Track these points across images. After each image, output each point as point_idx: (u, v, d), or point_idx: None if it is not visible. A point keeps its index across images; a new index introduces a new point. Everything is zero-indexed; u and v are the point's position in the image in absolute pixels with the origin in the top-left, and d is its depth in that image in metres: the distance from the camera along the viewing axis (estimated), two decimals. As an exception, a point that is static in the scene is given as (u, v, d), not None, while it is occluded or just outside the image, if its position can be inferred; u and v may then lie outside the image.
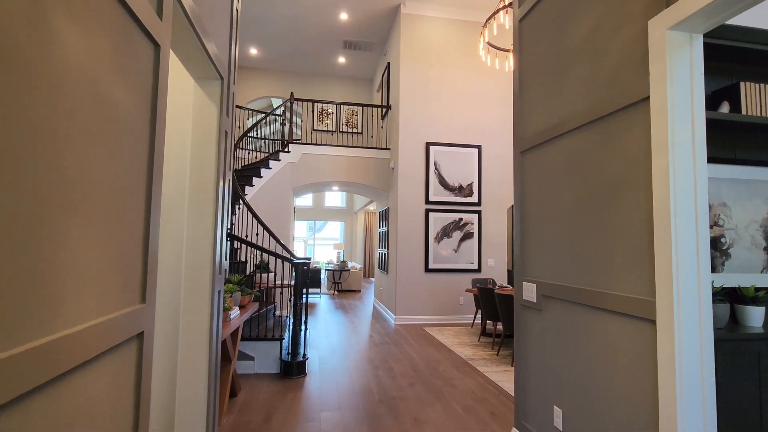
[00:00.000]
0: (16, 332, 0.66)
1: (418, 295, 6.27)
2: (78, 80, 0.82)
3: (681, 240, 1.39)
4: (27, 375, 0.68)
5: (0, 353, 0.63)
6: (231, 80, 2.21)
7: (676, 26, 1.42)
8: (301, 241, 14.21)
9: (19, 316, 0.67)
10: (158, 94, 1.19)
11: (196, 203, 1.95)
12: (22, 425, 0.69)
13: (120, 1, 0.98)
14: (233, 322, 2.73)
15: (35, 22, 0.69)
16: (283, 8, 6.75)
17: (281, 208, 6.39)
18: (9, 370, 0.63)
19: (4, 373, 0.63)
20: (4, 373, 0.63)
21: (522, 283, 2.34)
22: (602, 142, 1.74)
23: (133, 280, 1.10)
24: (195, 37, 1.57)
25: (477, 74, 6.67)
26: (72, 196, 0.81)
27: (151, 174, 1.17)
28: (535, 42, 2.31)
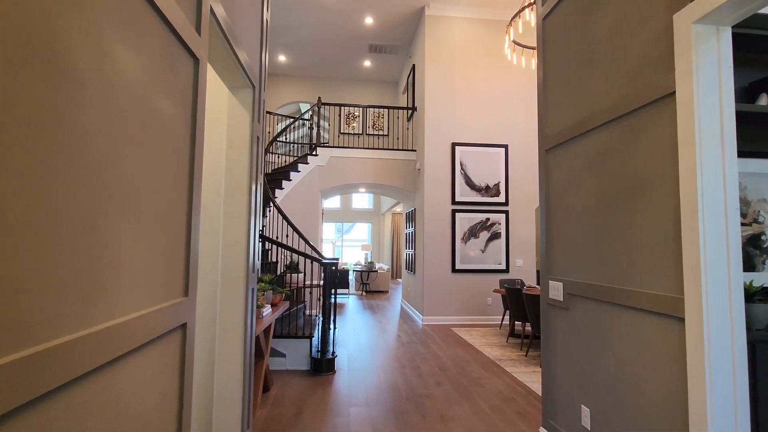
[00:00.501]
0: (81, 318, 0.76)
1: (445, 295, 6.27)
2: (128, 95, 0.92)
3: (709, 237, 1.37)
4: (89, 356, 0.77)
5: (68, 335, 0.72)
6: (262, 88, 2.32)
7: (702, 19, 1.40)
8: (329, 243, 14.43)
9: (82, 304, 0.77)
10: (197, 105, 1.29)
11: (230, 206, 2.07)
12: (84, 401, 0.78)
13: (163, 20, 1.08)
14: (266, 319, 2.85)
15: (92, 42, 0.78)
16: (310, 16, 6.92)
17: (310, 211, 6.55)
18: (75, 350, 0.73)
19: (72, 353, 0.72)
20: (72, 353, 0.72)
21: (548, 281, 2.34)
22: (627, 138, 1.73)
23: (177, 275, 1.20)
24: (229, 49, 1.68)
25: (503, 73, 6.61)
26: (125, 200, 0.91)
27: (192, 178, 1.27)
28: (558, 40, 2.31)
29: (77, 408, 0.76)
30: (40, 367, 0.64)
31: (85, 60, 0.76)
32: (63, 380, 0.70)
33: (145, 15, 0.98)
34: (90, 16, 0.77)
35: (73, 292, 0.74)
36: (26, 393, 0.61)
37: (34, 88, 0.63)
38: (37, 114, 0.63)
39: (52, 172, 0.67)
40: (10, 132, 0.59)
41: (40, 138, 0.64)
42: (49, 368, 0.66)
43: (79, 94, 0.74)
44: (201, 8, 1.32)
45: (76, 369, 0.73)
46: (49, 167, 0.66)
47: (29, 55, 0.62)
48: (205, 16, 1.34)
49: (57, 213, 0.69)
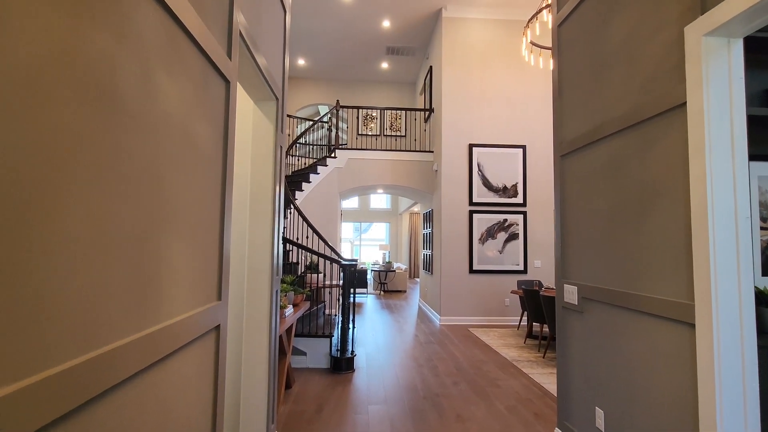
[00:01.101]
0: (133, 323, 0.87)
1: (463, 296, 6.31)
2: (170, 122, 1.02)
3: (719, 244, 1.40)
4: (140, 357, 0.88)
5: (122, 339, 0.83)
6: (284, 99, 2.43)
7: (713, 32, 1.43)
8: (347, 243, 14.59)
9: (133, 311, 0.87)
10: (228, 123, 1.40)
11: (256, 212, 2.18)
12: (133, 399, 0.89)
13: (200, 50, 1.18)
14: (288, 319, 2.97)
15: (143, 78, 0.89)
16: (328, 21, 7.04)
17: (329, 212, 6.68)
18: (128, 352, 0.84)
19: (126, 354, 0.83)
20: (126, 354, 0.83)
21: (563, 285, 2.38)
22: (640, 147, 1.76)
23: (211, 281, 1.31)
24: (255, 67, 1.79)
25: (520, 74, 6.59)
26: (168, 216, 1.02)
27: (224, 191, 1.38)
28: (573, 47, 2.34)
29: (130, 404, 0.87)
30: (99, 368, 0.75)
31: (137, 94, 0.86)
32: (119, 379, 0.80)
33: (186, 48, 1.09)
34: (142, 55, 0.88)
35: (126, 301, 0.84)
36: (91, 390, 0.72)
37: (97, 122, 0.74)
38: (99, 144, 0.74)
39: (109, 194, 0.78)
40: (78, 160, 0.70)
41: (101, 165, 0.75)
42: (107, 368, 0.77)
43: (131, 124, 0.85)
44: (232, 33, 1.43)
45: (129, 369, 0.84)
46: (106, 190, 0.77)
47: (94, 94, 0.73)
48: (235, 41, 1.45)
49: (113, 231, 0.79)
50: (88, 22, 0.70)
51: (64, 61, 0.65)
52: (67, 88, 0.65)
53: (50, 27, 0.62)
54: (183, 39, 1.06)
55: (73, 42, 0.67)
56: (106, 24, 0.75)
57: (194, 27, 1.10)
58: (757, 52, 2.04)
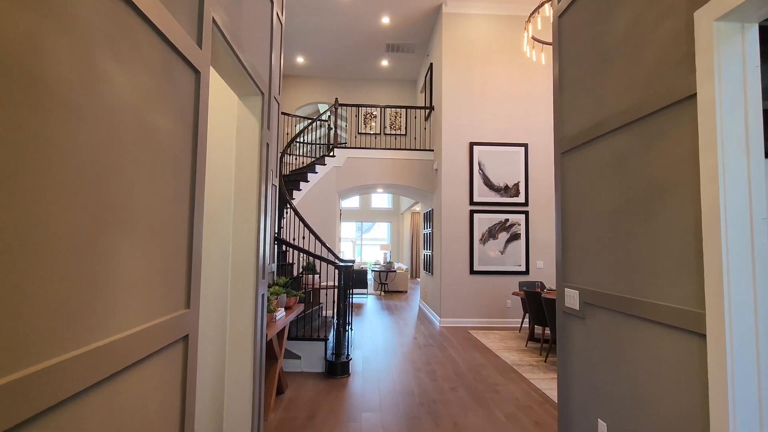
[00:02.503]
0: (76, 336, 0.77)
1: (464, 297, 6.20)
2: (124, 114, 0.92)
3: (733, 247, 1.29)
4: (86, 373, 0.78)
5: (63, 355, 0.73)
6: (272, 94, 2.33)
7: (725, 16, 1.31)
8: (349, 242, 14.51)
9: (78, 322, 0.77)
10: (199, 116, 1.30)
11: (240, 211, 2.08)
12: (82, 418, 0.79)
13: (161, 36, 1.08)
14: (278, 323, 2.87)
15: (82, 65, 0.79)
16: (326, 18, 6.94)
17: (327, 211, 6.58)
18: (70, 369, 0.74)
19: (66, 372, 0.73)
20: (66, 372, 0.73)
21: (564, 289, 2.26)
22: (645, 142, 1.65)
23: (178, 288, 1.21)
24: (235, 59, 1.69)
25: (522, 71, 6.47)
26: (121, 216, 0.91)
27: (194, 190, 1.27)
28: (574, 39, 2.22)
29: (72, 425, 0.77)
30: (28, 390, 0.65)
31: (75, 84, 0.76)
32: (53, 402, 0.70)
33: (141, 33, 0.98)
34: (80, 39, 0.77)
35: (66, 313, 0.74)
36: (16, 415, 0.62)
37: (18, 116, 0.63)
38: (22, 141, 0.64)
39: (35, 193, 0.68)
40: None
41: (26, 166, 0.65)
42: (39, 390, 0.67)
43: (69, 118, 0.74)
44: (202, 20, 1.33)
45: (68, 389, 0.74)
46: (38, 194, 0.67)
47: (11, 83, 0.62)
48: (206, 28, 1.35)
49: (44, 235, 0.69)
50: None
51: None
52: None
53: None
54: (137, 23, 0.96)
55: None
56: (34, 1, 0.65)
57: (152, 10, 1.00)
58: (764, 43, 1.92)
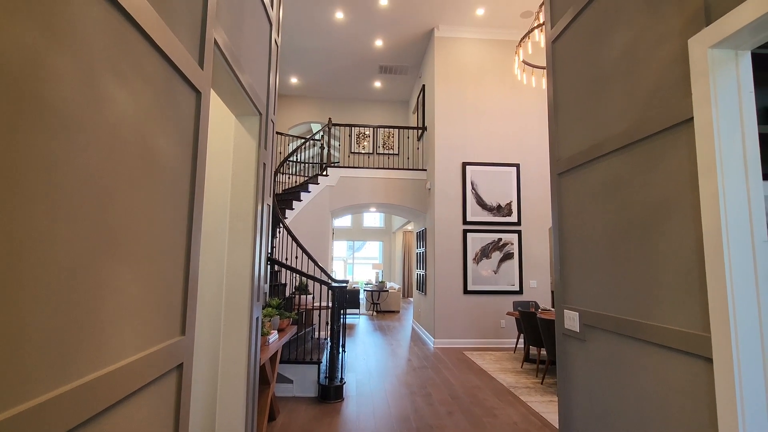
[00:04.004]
0: (68, 370, 0.72)
1: (458, 317, 6.13)
2: (125, 134, 0.90)
3: (736, 271, 1.28)
4: (73, 412, 0.73)
5: (53, 391, 0.68)
6: (269, 114, 2.32)
7: (719, 44, 1.34)
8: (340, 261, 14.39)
9: (70, 355, 0.73)
10: (199, 136, 1.27)
11: (235, 233, 2.04)
12: (68, 458, 0.74)
13: (164, 57, 1.07)
14: (272, 346, 2.79)
15: (85, 85, 0.76)
16: (321, 40, 7.05)
17: (320, 230, 6.53)
18: (57, 407, 0.69)
19: (56, 410, 0.68)
20: (56, 410, 0.68)
21: (563, 310, 2.24)
22: (642, 165, 1.66)
23: (173, 314, 1.16)
24: (235, 80, 1.68)
25: (513, 92, 6.60)
26: (116, 239, 0.88)
27: (192, 211, 1.24)
28: (568, 63, 2.27)
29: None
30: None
31: (77, 104, 0.74)
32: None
33: (145, 54, 0.97)
34: (84, 59, 0.75)
35: (58, 345, 0.70)
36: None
37: (15, 135, 0.60)
38: (17, 161, 0.61)
39: (35, 221, 0.64)
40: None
41: (20, 187, 0.61)
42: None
43: (70, 138, 0.72)
44: (204, 42, 1.32)
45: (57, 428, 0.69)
46: (31, 217, 0.63)
47: (11, 101, 0.60)
48: (208, 50, 1.34)
49: (41, 262, 0.65)
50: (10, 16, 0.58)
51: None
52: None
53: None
54: (140, 42, 0.95)
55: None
56: (36, 19, 0.63)
57: (155, 30, 0.99)
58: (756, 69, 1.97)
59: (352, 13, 6.25)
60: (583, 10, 2.13)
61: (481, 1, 5.92)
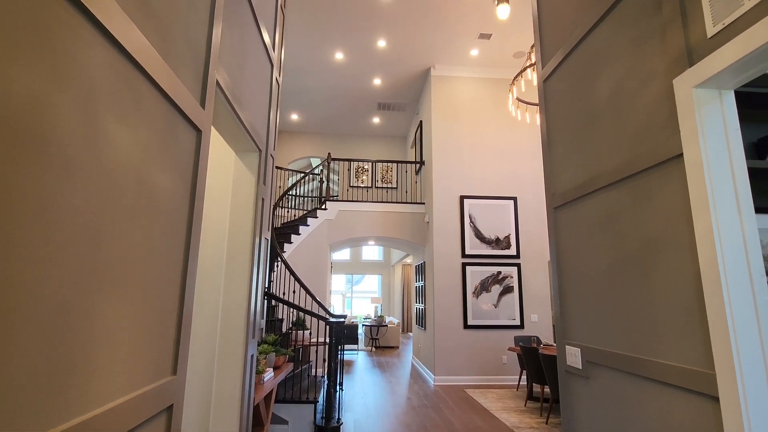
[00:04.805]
0: (47, 417, 0.70)
1: (458, 353, 5.99)
2: (123, 172, 0.91)
3: (736, 306, 1.27)
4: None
5: (32, 437, 0.66)
6: (269, 150, 2.36)
7: (703, 84, 1.40)
8: (339, 295, 14.21)
9: (50, 400, 0.70)
10: (198, 173, 1.29)
11: (232, 267, 2.03)
12: None
13: (165, 97, 1.10)
14: (266, 385, 2.70)
15: (85, 123, 0.79)
16: (322, 79, 7.29)
17: (318, 264, 6.49)
18: (38, 454, 0.66)
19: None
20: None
21: (565, 346, 2.19)
22: (636, 199, 1.68)
23: (165, 353, 1.13)
24: (235, 118, 1.72)
25: (509, 127, 6.76)
26: (109, 278, 0.87)
27: (188, 249, 1.24)
28: (560, 101, 2.34)
29: None
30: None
31: (77, 143, 0.76)
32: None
33: (147, 94, 1.00)
34: (85, 98, 0.78)
35: (43, 386, 0.68)
36: None
37: (16, 173, 0.62)
38: (13, 196, 0.62)
39: (26, 256, 0.64)
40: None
41: (13, 222, 0.62)
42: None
43: (67, 176, 0.73)
44: (206, 82, 1.37)
45: (36, 477, 0.66)
46: (22, 252, 0.63)
47: (11, 139, 0.61)
48: (210, 90, 1.39)
49: (28, 298, 0.65)
50: (14, 57, 0.60)
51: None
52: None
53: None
54: (143, 84, 0.98)
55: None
56: (40, 60, 0.66)
57: (158, 72, 1.02)
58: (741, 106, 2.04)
59: (352, 54, 6.50)
60: (573, 51, 2.22)
61: (474, 42, 6.18)
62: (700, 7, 1.43)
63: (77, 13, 0.74)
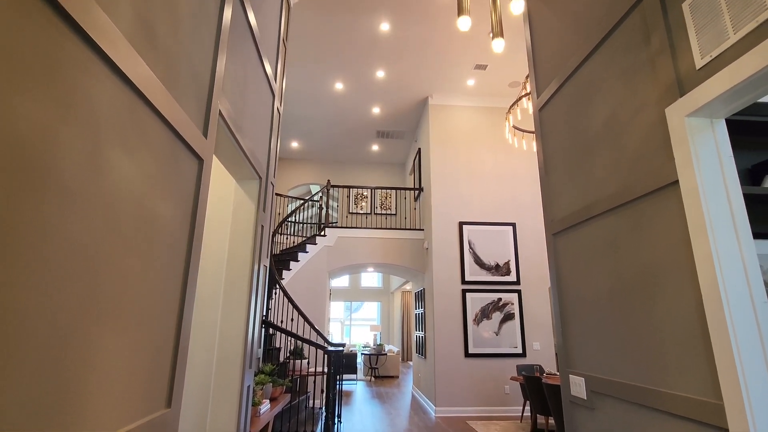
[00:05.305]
0: (38, 451, 0.67)
1: (459, 382, 5.84)
2: (125, 202, 0.92)
3: (740, 334, 1.26)
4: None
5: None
6: (269, 178, 2.39)
7: (695, 113, 1.43)
8: (337, 322, 13.99)
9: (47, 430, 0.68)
10: (199, 201, 1.30)
11: (230, 295, 2.01)
12: None
13: (170, 128, 1.12)
14: (263, 418, 2.62)
15: (90, 154, 0.80)
16: (322, 108, 7.45)
17: (317, 291, 6.42)
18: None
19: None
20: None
21: (568, 376, 2.15)
22: (634, 226, 1.69)
23: (160, 385, 1.11)
24: (237, 146, 1.75)
25: (506, 154, 6.85)
26: (106, 308, 0.86)
27: (187, 276, 1.23)
28: (555, 129, 2.39)
29: None
30: None
31: (80, 173, 0.77)
32: None
33: (151, 125, 1.02)
34: (90, 129, 0.79)
35: (34, 417, 0.66)
36: None
37: (19, 203, 0.62)
38: (14, 224, 0.62)
39: (23, 284, 0.64)
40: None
41: (12, 250, 0.62)
42: None
43: (69, 206, 0.73)
44: (209, 111, 1.40)
45: None
46: (19, 279, 0.63)
47: (17, 169, 0.62)
48: (213, 120, 1.41)
49: (23, 327, 0.64)
50: (22, 90, 0.62)
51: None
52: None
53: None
54: (147, 114, 1.00)
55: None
56: (48, 92, 0.68)
57: (163, 104, 1.05)
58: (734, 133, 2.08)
59: (351, 84, 6.67)
60: (566, 81, 2.28)
61: (471, 73, 6.35)
62: (687, 39, 1.48)
63: (86, 48, 0.77)
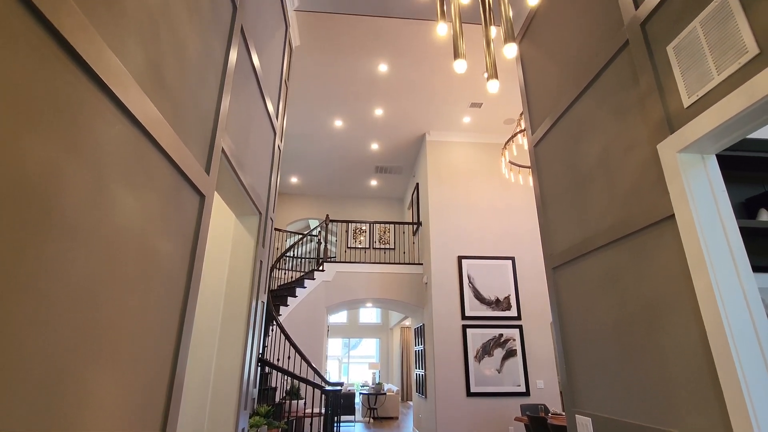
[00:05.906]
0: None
1: (462, 423, 5.62)
2: (126, 239, 0.92)
3: (748, 369, 1.23)
4: None
5: None
6: (269, 213, 2.40)
7: (686, 149, 1.47)
8: (335, 360, 13.62)
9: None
10: (199, 236, 1.31)
11: (227, 333, 1.97)
12: None
13: (174, 165, 1.15)
14: (257, 464, 2.50)
15: (94, 192, 0.81)
16: (321, 144, 7.60)
17: (315, 328, 6.30)
18: None
19: None
20: None
21: (574, 415, 2.08)
22: (634, 259, 1.69)
23: (153, 421, 1.07)
24: (238, 183, 1.78)
25: (503, 189, 6.93)
26: (103, 343, 0.85)
27: (184, 314, 1.22)
28: (551, 164, 2.44)
29: None
30: None
31: (83, 209, 0.77)
32: None
33: (155, 161, 1.04)
34: (97, 170, 0.81)
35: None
36: None
37: (19, 241, 0.62)
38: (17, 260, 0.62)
39: (21, 318, 0.63)
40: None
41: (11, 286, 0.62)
42: None
43: (70, 242, 0.74)
44: (213, 149, 1.43)
45: None
46: (17, 314, 0.62)
47: (24, 203, 0.63)
48: (215, 156, 1.44)
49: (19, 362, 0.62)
50: (31, 129, 0.64)
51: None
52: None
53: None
54: (152, 152, 1.03)
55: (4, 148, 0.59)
56: (56, 132, 0.70)
57: (168, 142, 1.08)
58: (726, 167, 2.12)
59: (350, 121, 6.84)
60: (560, 118, 2.35)
61: (466, 111, 6.55)
62: (674, 79, 1.54)
63: (97, 89, 0.80)
